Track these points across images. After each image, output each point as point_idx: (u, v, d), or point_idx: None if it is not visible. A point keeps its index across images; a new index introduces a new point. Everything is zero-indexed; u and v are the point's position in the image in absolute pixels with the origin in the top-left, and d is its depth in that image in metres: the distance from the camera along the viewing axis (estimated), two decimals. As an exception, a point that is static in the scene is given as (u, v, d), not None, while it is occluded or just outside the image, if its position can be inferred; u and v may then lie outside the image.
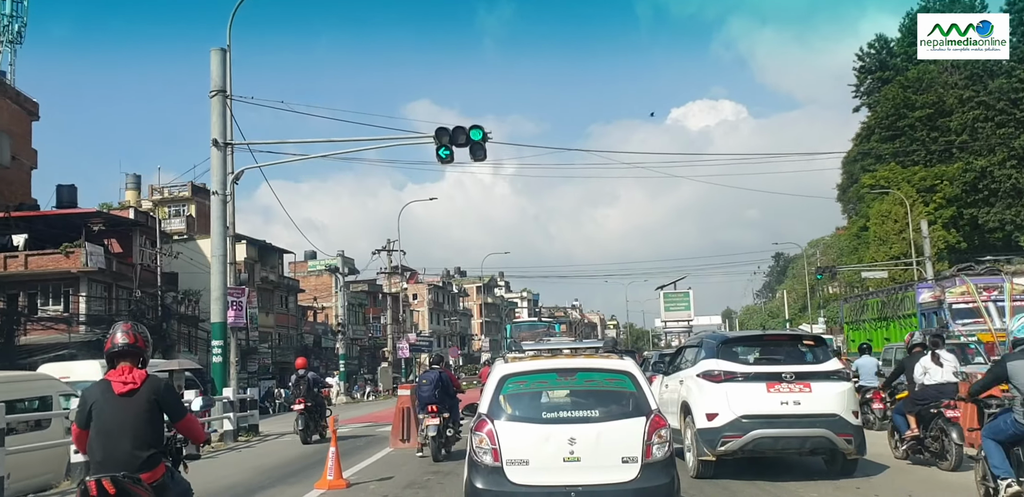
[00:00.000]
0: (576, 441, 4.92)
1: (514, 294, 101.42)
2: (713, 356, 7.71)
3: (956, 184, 41.60)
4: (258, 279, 41.65)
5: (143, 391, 3.77)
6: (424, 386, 10.35)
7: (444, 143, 13.08)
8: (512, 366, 5.51)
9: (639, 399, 5.18)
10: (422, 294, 70.90)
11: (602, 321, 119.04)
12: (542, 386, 5.36)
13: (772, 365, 7.57)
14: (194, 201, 43.81)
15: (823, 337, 8.76)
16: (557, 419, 5.10)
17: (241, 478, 9.09)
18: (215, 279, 14.73)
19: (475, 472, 5.05)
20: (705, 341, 8.34)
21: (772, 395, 7.24)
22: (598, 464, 4.91)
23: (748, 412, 7.23)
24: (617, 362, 5.49)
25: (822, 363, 7.59)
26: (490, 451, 4.99)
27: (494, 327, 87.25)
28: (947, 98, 43.84)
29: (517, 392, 5.33)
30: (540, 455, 4.97)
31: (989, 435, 5.62)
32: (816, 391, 7.28)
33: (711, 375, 7.52)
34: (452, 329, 75.56)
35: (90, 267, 27.16)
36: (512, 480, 4.92)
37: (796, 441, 7.31)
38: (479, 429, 5.11)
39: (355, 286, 56.12)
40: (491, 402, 5.23)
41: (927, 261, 31.17)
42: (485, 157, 13.18)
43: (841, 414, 7.26)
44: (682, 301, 45.80)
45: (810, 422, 7.20)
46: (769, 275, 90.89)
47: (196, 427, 4.13)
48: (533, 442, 5.02)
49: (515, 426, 5.09)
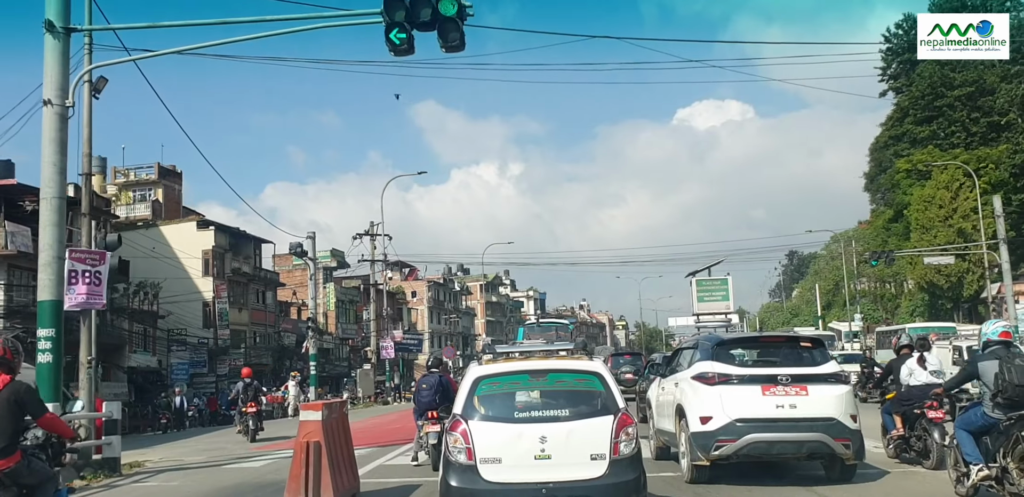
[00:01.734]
0: (547, 439, 5.43)
1: (520, 293, 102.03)
2: (708, 358, 7.98)
3: (1003, 168, 40.66)
4: (228, 270, 39.88)
5: (4, 393, 4.93)
6: (423, 391, 10.54)
7: (397, 21, 9.06)
8: (486, 368, 6.04)
9: (607, 398, 5.69)
10: (421, 292, 70.89)
11: (610, 321, 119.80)
12: (514, 387, 5.86)
13: (768, 367, 7.85)
14: (161, 184, 42.73)
15: (822, 338, 9.15)
16: (529, 418, 5.61)
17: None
18: (44, 235, 10.28)
19: (450, 471, 5.54)
20: (700, 343, 8.63)
21: (767, 398, 7.50)
22: (568, 461, 5.42)
23: (743, 415, 7.48)
24: (586, 363, 6.05)
25: (820, 365, 7.84)
26: (464, 450, 5.49)
27: (498, 327, 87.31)
28: (988, 76, 43.35)
29: (490, 393, 5.83)
30: (512, 453, 5.47)
31: (961, 426, 6.59)
32: (813, 394, 7.53)
33: (705, 377, 7.80)
34: (452, 328, 75.44)
35: (9, 250, 24.47)
36: (486, 478, 5.41)
37: (792, 446, 7.55)
38: (453, 429, 5.61)
39: (348, 282, 55.56)
40: (465, 403, 5.74)
41: (1002, 244, 27.87)
42: (462, 45, 9.18)
43: (839, 418, 7.50)
44: (719, 290, 39.01)
45: (806, 426, 7.44)
46: (782, 274, 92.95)
47: (58, 424, 5.29)
48: (505, 441, 5.52)
49: (488, 425, 5.59)
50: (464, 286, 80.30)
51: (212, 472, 11.28)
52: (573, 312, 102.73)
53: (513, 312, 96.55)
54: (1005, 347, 6.46)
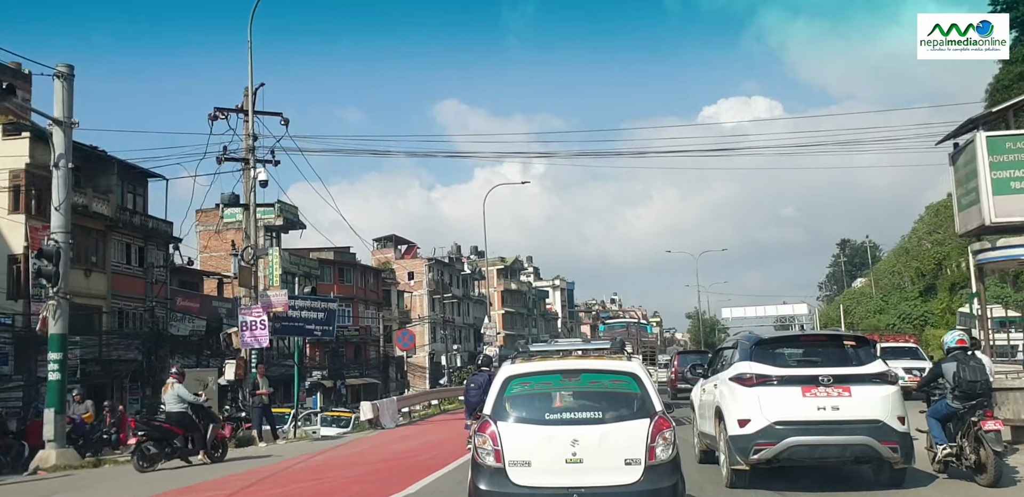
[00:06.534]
0: (579, 442, 6.10)
1: (544, 282, 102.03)
2: (747, 358, 8.92)
3: None
4: None
5: None
6: (472, 390, 11.63)
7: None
8: (517, 367, 6.77)
9: (644, 400, 6.37)
10: (420, 272, 67.78)
11: (644, 317, 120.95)
12: (546, 387, 6.60)
13: (809, 367, 8.75)
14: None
15: (865, 337, 10.11)
16: (560, 420, 6.33)
17: None
18: None
19: (478, 473, 6.27)
20: (740, 342, 9.59)
21: (808, 400, 8.39)
22: (601, 466, 6.08)
23: (782, 418, 8.37)
24: (622, 364, 6.78)
25: (864, 365, 8.73)
26: (493, 452, 6.20)
27: (519, 320, 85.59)
28: None
29: (521, 393, 6.56)
30: (543, 456, 6.16)
31: (931, 414, 9.44)
32: (857, 395, 8.40)
33: (743, 379, 8.72)
34: (462, 318, 71.96)
35: None
36: (515, 481, 6.12)
37: (835, 449, 8.44)
38: (482, 430, 6.33)
39: (318, 254, 50.92)
40: (495, 403, 6.48)
41: None
42: None
43: (885, 420, 8.35)
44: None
45: (850, 429, 8.31)
46: (833, 265, 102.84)
47: None
48: (535, 443, 6.22)
49: (518, 427, 6.31)
50: (477, 269, 75.42)
51: None
52: (604, 306, 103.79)
53: (537, 304, 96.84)
54: (964, 352, 9.31)
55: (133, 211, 34.03)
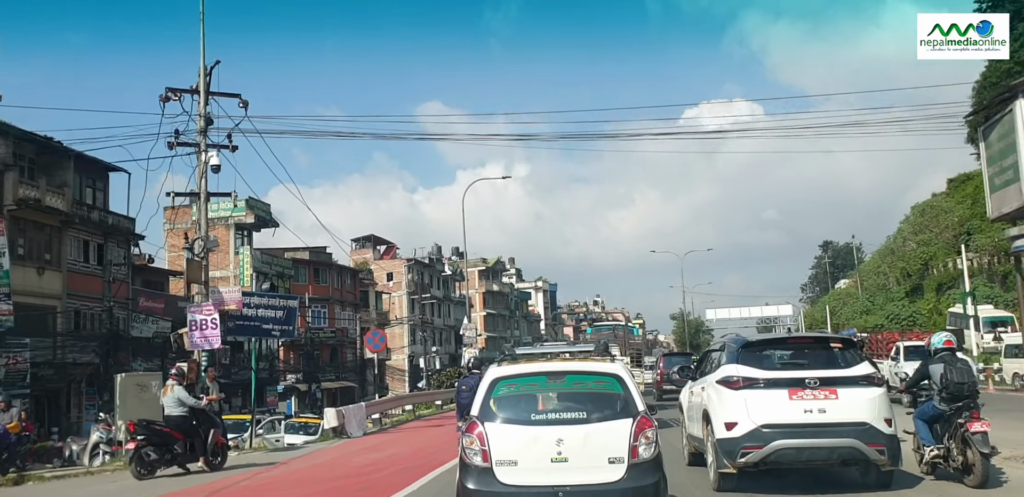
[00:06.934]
0: (564, 442, 6.43)
1: (527, 283, 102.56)
2: (733, 361, 9.07)
3: None
4: (11, 199, 27.03)
5: None
6: (464, 393, 11.84)
7: None
8: (503, 369, 7.09)
9: (627, 401, 6.70)
10: (399, 273, 67.92)
11: (626, 318, 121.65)
12: (531, 389, 6.91)
13: (795, 370, 8.90)
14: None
15: (852, 340, 10.25)
16: (545, 421, 6.66)
17: None
18: None
19: (466, 473, 6.59)
20: (727, 345, 9.74)
21: (795, 402, 8.54)
22: (585, 465, 6.42)
23: (769, 421, 8.53)
24: (606, 365, 7.11)
25: (851, 367, 8.89)
26: (480, 452, 6.53)
27: (501, 321, 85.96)
28: None
29: (507, 395, 6.87)
30: (528, 456, 6.49)
31: (918, 416, 9.60)
32: (843, 398, 8.56)
33: (729, 381, 8.88)
34: (443, 320, 72.29)
35: None
36: (501, 480, 6.44)
37: (822, 452, 8.60)
38: (470, 431, 6.65)
39: (293, 253, 50.57)
40: (482, 404, 6.80)
41: None
42: None
43: (871, 422, 8.52)
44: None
45: (837, 431, 8.46)
46: (816, 267, 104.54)
47: None
48: (522, 443, 6.54)
49: (504, 428, 6.63)
50: (458, 270, 74.35)
51: None
52: (588, 308, 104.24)
53: (519, 306, 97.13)
54: (951, 353, 9.38)
55: (92, 206, 33.28)
